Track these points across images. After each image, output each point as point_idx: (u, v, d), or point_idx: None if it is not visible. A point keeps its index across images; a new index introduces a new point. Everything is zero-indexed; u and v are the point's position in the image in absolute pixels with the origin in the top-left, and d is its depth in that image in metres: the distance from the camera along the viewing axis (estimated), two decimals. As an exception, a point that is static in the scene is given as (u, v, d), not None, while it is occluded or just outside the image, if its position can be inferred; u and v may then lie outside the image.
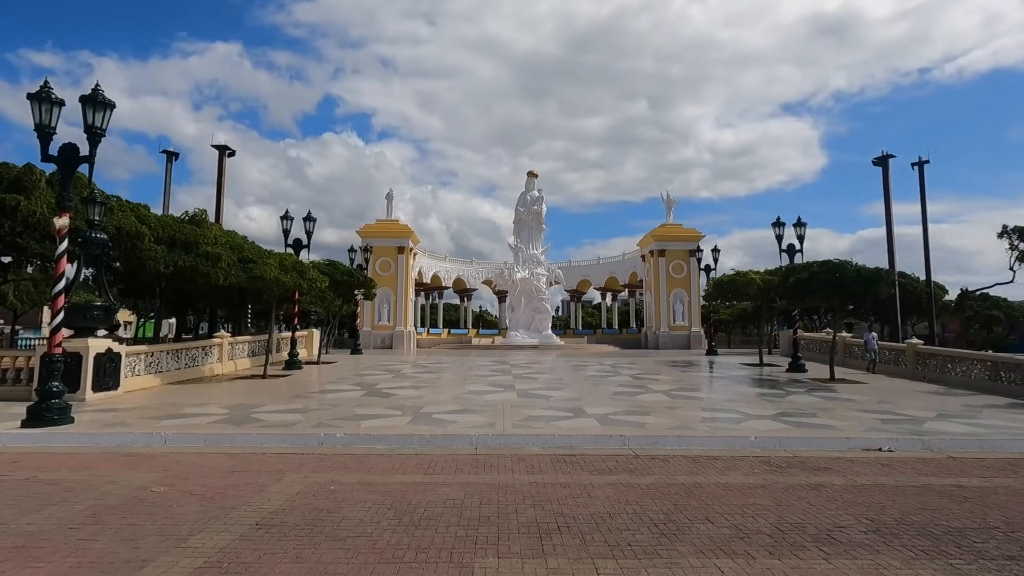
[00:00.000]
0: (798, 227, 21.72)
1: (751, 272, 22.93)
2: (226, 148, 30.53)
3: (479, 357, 30.50)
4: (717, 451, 8.85)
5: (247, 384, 16.88)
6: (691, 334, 49.12)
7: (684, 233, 51.31)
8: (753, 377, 19.88)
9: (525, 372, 20.49)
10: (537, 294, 49.00)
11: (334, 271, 22.86)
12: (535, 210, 51.96)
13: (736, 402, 13.72)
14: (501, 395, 14.34)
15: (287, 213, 20.93)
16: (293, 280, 17.42)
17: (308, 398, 14.13)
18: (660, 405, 12.74)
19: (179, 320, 30.66)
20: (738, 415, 11.62)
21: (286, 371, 20.38)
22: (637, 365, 24.31)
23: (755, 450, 8.93)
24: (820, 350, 27.34)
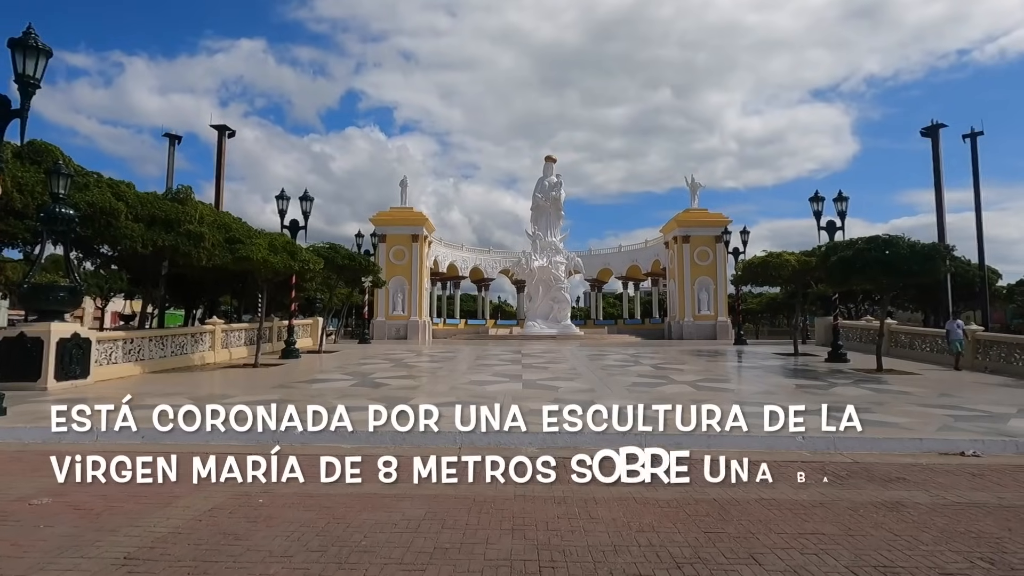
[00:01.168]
0: (839, 202, 19.62)
1: (785, 253, 20.91)
2: (225, 128, 29.46)
3: (493, 347, 29.07)
4: (755, 453, 7.17)
5: (234, 373, 15.67)
6: (717, 324, 46.88)
7: (710, 218, 48.91)
8: (789, 367, 17.96)
9: (537, 362, 18.93)
10: (556, 283, 47.20)
11: (334, 255, 21.56)
12: (553, 196, 50.01)
13: (773, 394, 11.96)
14: (504, 386, 12.82)
15: (283, 192, 19.65)
16: (283, 262, 16.11)
17: (291, 388, 12.78)
18: (684, 398, 11.08)
19: (186, 309, 29.83)
20: (778, 409, 9.88)
21: (282, 360, 19.16)
22: (659, 355, 22.53)
23: (803, 453, 7.23)
24: (861, 339, 25.15)
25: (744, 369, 17.82)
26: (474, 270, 60.62)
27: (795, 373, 16.35)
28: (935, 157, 27.06)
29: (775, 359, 20.64)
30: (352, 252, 22.13)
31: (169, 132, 27.93)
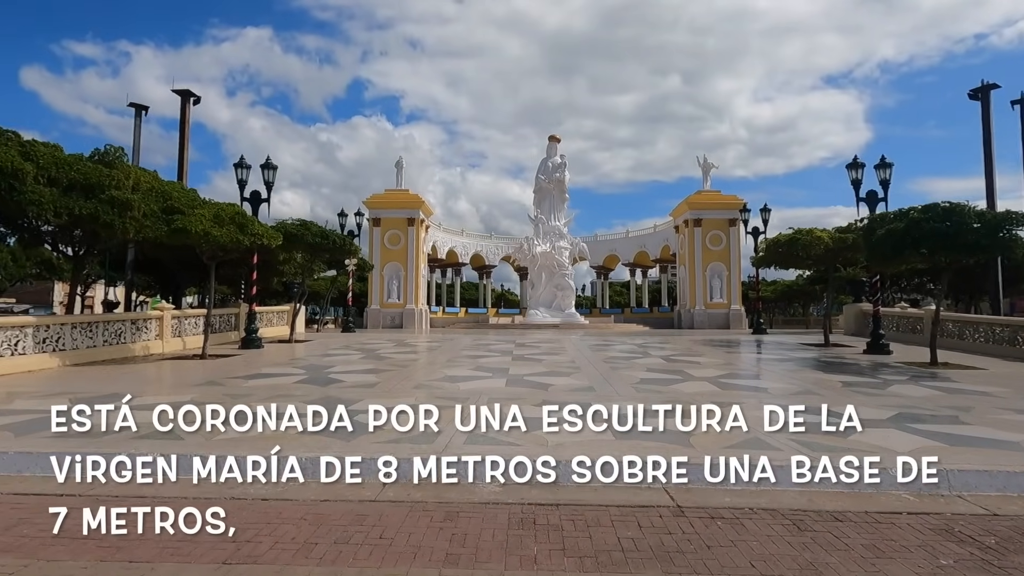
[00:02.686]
0: (882, 169, 16.94)
1: (816, 230, 18.27)
2: (190, 94, 26.84)
3: (491, 336, 26.68)
4: (830, 499, 4.68)
5: (172, 366, 13.35)
6: (731, 312, 44.28)
7: (723, 200, 46.09)
8: (824, 360, 15.41)
9: (532, 352, 16.49)
10: (559, 269, 44.63)
11: (304, 231, 19.14)
12: (557, 178, 47.23)
13: (820, 396, 9.44)
14: (483, 383, 10.39)
15: (242, 160, 17.21)
16: (229, 235, 13.71)
17: (220, 385, 10.40)
18: (706, 400, 8.62)
19: (174, 297, 27.43)
20: (835, 419, 7.38)
21: (241, 350, 16.84)
22: (671, 344, 20.03)
23: (907, 498, 4.72)
24: (898, 327, 22.52)
25: (771, 362, 15.29)
26: (475, 257, 58.20)
27: (834, 367, 13.80)
28: (985, 121, 24.15)
29: (804, 350, 18.06)
30: (325, 229, 19.69)
31: (135, 103, 25.53)
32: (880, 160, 17.01)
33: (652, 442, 5.91)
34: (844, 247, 17.89)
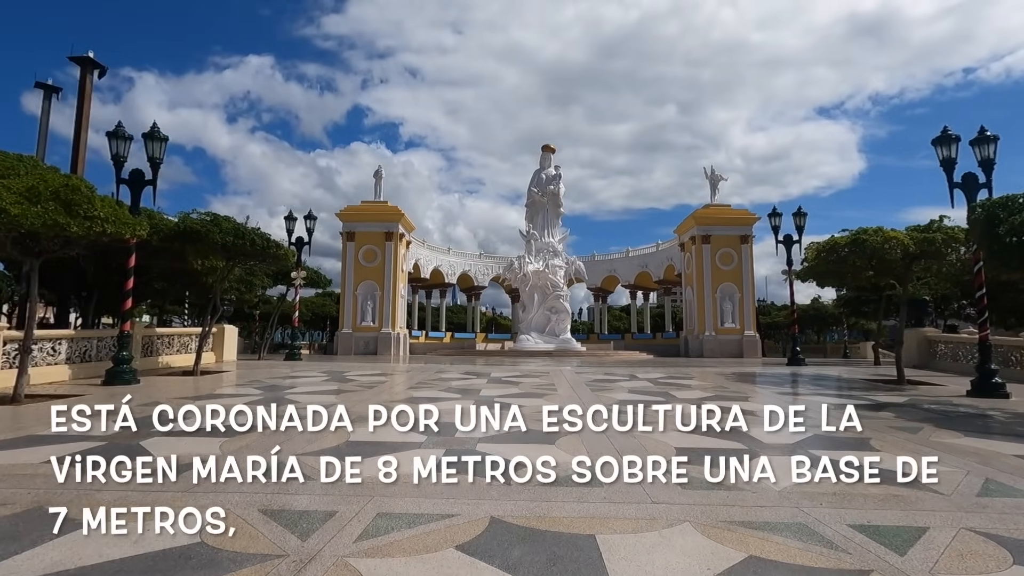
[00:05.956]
0: (981, 145, 12.47)
1: (885, 229, 13.73)
2: (92, 64, 22.00)
3: (464, 366, 21.88)
4: None
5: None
6: (744, 339, 39.62)
7: (734, 215, 41.82)
8: (934, 410, 10.58)
9: (506, 395, 11.70)
10: (553, 290, 39.91)
11: (212, 229, 14.47)
12: (551, 190, 42.78)
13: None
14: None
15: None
16: (44, 217, 9.05)
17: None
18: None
19: (83, 306, 22.28)
20: None
21: (103, 386, 12.00)
22: (691, 380, 15.25)
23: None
24: (966, 359, 17.84)
25: (875, 419, 10.22)
26: (463, 277, 53.56)
27: (973, 425, 9.00)
28: None
29: (880, 391, 13.20)
30: (244, 227, 15.01)
31: (42, 82, 21.07)
32: (979, 133, 12.53)
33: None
34: (928, 251, 13.29)
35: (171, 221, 16.43)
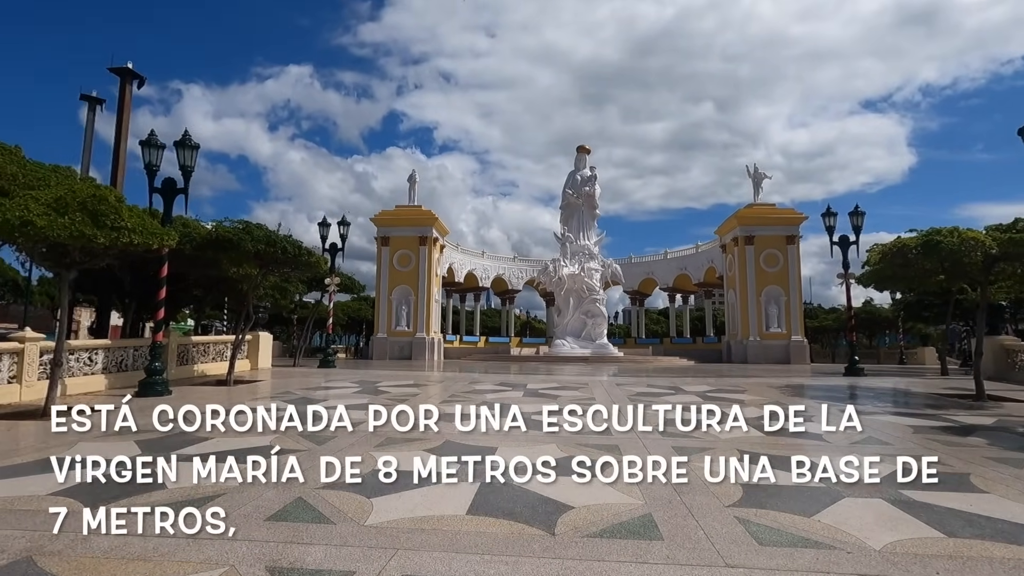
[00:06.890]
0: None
1: (962, 229, 12.46)
2: (131, 75, 22.31)
3: (499, 374, 21.29)
4: None
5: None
6: (791, 344, 37.89)
7: (779, 215, 40.12)
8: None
9: (534, 411, 11.02)
10: (589, 294, 38.98)
11: (243, 236, 14.28)
12: (586, 192, 41.89)
13: None
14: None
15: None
16: (71, 228, 8.85)
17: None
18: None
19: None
20: None
21: (137, 397, 11.86)
22: (743, 394, 14.23)
23: None
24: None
25: (962, 445, 9.04)
26: (497, 280, 53.11)
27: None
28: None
29: (958, 408, 11.92)
30: (276, 235, 14.78)
31: (86, 94, 21.56)
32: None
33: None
34: (1011, 252, 11.98)
35: (205, 229, 16.38)
